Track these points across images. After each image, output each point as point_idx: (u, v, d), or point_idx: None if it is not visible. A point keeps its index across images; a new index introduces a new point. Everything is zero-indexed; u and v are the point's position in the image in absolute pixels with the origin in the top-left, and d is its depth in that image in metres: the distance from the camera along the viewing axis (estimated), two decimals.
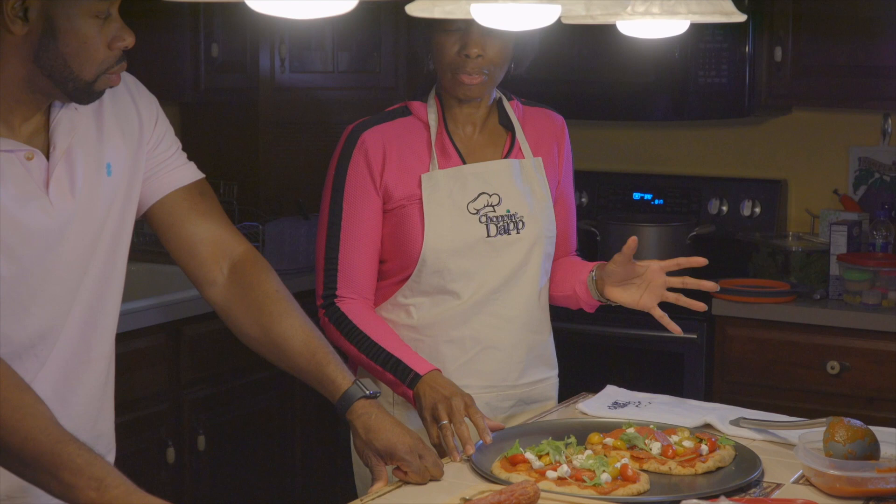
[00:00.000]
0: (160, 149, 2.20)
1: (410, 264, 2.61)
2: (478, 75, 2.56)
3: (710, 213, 4.55)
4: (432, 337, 2.64)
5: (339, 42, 4.61)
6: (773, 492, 2.17)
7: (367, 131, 2.62)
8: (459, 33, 2.54)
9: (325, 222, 2.63)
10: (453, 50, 2.55)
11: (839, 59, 4.09)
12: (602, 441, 2.34)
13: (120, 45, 1.96)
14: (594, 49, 4.32)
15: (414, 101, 2.67)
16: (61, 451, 1.77)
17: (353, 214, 2.60)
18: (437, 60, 2.58)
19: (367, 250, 2.61)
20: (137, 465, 3.42)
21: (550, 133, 2.76)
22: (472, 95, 2.60)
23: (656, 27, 2.24)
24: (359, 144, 2.61)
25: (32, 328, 2.02)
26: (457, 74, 2.56)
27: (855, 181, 4.43)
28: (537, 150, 2.72)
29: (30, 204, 1.98)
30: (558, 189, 2.77)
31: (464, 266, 2.61)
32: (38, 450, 1.78)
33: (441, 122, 2.65)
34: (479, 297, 2.63)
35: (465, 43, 2.53)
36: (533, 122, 2.74)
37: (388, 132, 2.62)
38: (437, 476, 2.21)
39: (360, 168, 2.60)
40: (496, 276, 2.63)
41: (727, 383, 4.07)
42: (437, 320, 2.63)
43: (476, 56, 2.54)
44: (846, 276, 4.02)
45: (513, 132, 2.70)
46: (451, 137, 2.64)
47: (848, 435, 2.21)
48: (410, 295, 2.63)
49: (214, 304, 2.29)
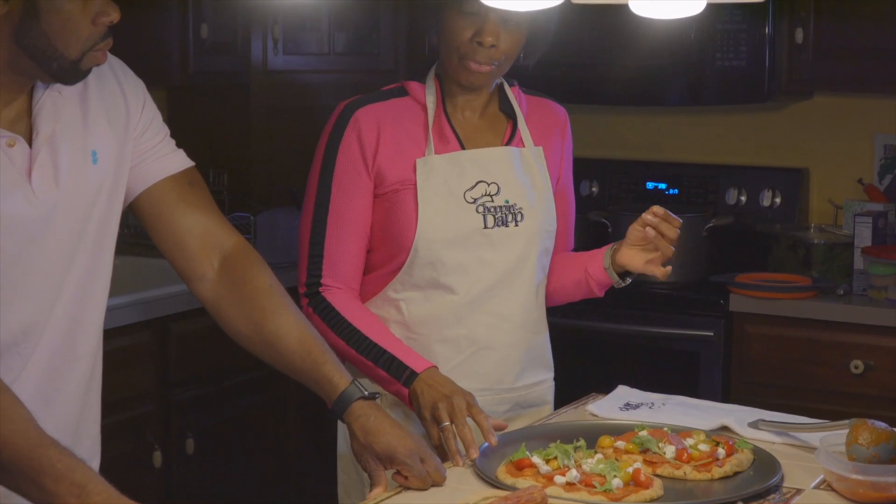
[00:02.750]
0: (147, 136, 2.21)
1: (400, 254, 2.60)
2: (487, 65, 2.55)
3: (728, 203, 4.55)
4: (424, 335, 2.63)
5: (336, 22, 4.61)
6: (792, 497, 2.18)
7: (361, 109, 2.60)
8: (475, 18, 2.52)
9: (312, 204, 2.61)
10: (466, 34, 2.53)
11: (863, 42, 4.09)
12: (613, 444, 2.35)
13: (104, 20, 1.96)
14: (605, 30, 4.32)
15: (411, 82, 2.66)
16: (41, 455, 1.78)
17: (342, 196, 2.59)
18: (445, 41, 2.57)
19: (356, 236, 2.60)
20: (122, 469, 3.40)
21: (553, 124, 2.76)
22: (475, 84, 2.60)
23: (671, 7, 2.25)
24: (351, 122, 2.59)
25: (14, 324, 2.02)
26: (465, 60, 2.55)
27: (880, 170, 4.43)
28: (539, 139, 2.72)
29: (11, 193, 1.98)
30: (559, 184, 2.77)
31: (458, 258, 2.60)
32: (16, 455, 1.78)
33: (440, 105, 2.64)
34: (475, 294, 2.62)
35: (480, 29, 2.52)
36: (535, 112, 2.74)
37: (384, 111, 2.61)
38: (439, 481, 2.21)
39: (353, 147, 2.58)
40: (493, 270, 2.63)
41: (745, 383, 4.08)
42: (430, 317, 2.63)
43: (489, 45, 2.53)
44: (871, 271, 4.02)
45: (514, 119, 2.70)
46: (451, 121, 2.64)
47: (872, 438, 2.21)
48: (402, 289, 2.62)
49: (204, 299, 2.30)
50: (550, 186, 2.71)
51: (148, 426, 3.73)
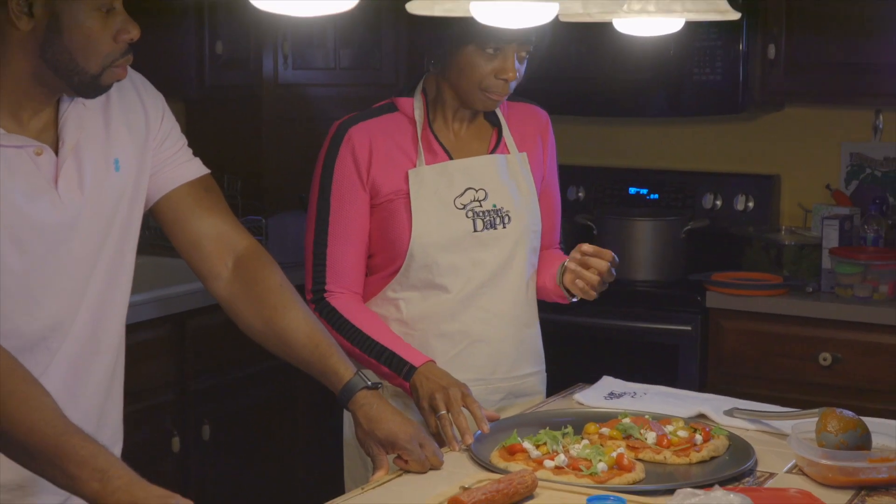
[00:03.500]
0: (166, 145, 2.20)
1: (398, 258, 2.60)
2: (507, 93, 2.57)
3: (705, 207, 4.54)
4: (422, 331, 2.63)
5: (341, 39, 4.60)
6: (766, 481, 2.18)
7: (354, 127, 2.60)
8: (497, 54, 2.51)
9: (314, 218, 2.62)
10: (486, 69, 2.52)
11: (831, 57, 4.09)
12: (598, 431, 2.35)
13: (125, 37, 1.96)
14: (591, 46, 4.31)
15: (400, 98, 2.66)
16: (65, 442, 1.77)
17: (340, 209, 2.59)
18: (466, 76, 2.54)
19: (355, 245, 2.60)
20: (143, 454, 3.40)
21: (535, 128, 2.76)
22: (491, 108, 2.61)
23: (652, 25, 2.24)
24: (345, 140, 2.59)
25: (43, 321, 2.02)
26: (487, 93, 2.55)
27: (847, 176, 4.43)
28: (522, 145, 2.72)
29: (39, 199, 1.97)
30: (543, 183, 2.76)
31: (451, 260, 2.60)
32: (43, 442, 1.78)
33: (426, 118, 2.63)
34: (468, 292, 2.62)
35: (503, 67, 2.51)
36: (518, 118, 2.73)
37: (375, 128, 2.61)
38: (437, 465, 2.21)
39: (347, 164, 2.58)
40: (483, 270, 2.63)
41: (721, 374, 4.07)
42: (427, 315, 2.63)
43: (512, 80, 2.53)
44: (838, 270, 4.02)
45: (499, 128, 2.70)
46: (436, 135, 2.63)
47: (840, 425, 2.20)
48: (400, 289, 2.62)
49: (219, 297, 2.29)
50: (535, 189, 2.71)
51: (167, 414, 3.73)
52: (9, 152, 1.94)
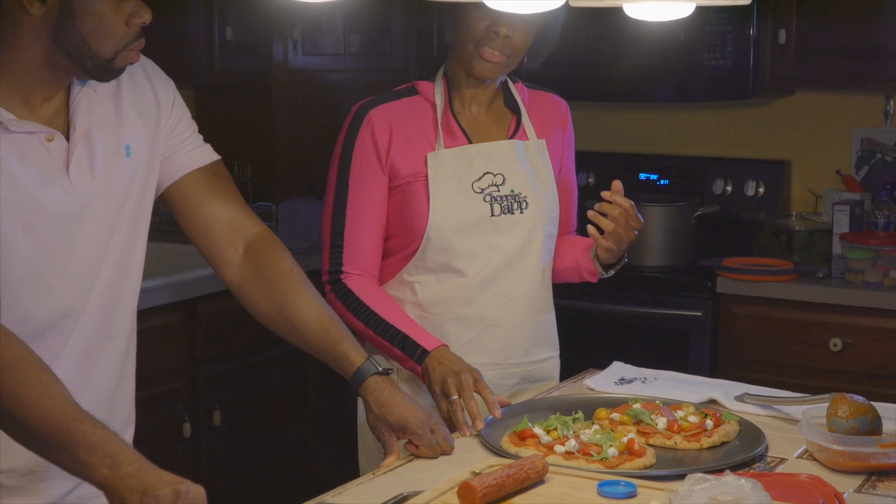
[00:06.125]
0: (177, 131, 2.20)
1: (415, 241, 2.60)
2: (500, 54, 2.54)
3: (715, 193, 4.54)
4: (438, 315, 2.63)
5: (351, 25, 4.59)
6: (776, 466, 2.17)
7: (374, 109, 2.60)
8: (491, 11, 2.51)
9: (332, 199, 2.62)
10: (482, 24, 2.52)
11: (842, 42, 4.07)
12: (609, 416, 2.35)
13: (137, 21, 1.95)
14: (601, 32, 4.30)
15: (421, 81, 2.66)
16: (76, 428, 1.77)
17: (358, 191, 2.59)
18: (461, 32, 2.55)
19: (373, 227, 2.60)
20: (155, 439, 3.43)
21: (555, 117, 2.75)
22: (486, 74, 2.58)
23: (662, 10, 2.23)
24: (365, 122, 2.59)
25: (55, 307, 2.02)
26: (480, 47, 2.53)
27: (857, 162, 4.41)
28: (542, 132, 2.72)
29: (51, 185, 1.97)
30: (561, 172, 2.76)
31: (468, 244, 2.60)
32: (53, 428, 1.78)
33: (447, 103, 2.63)
34: (484, 276, 2.62)
35: (496, 20, 2.51)
36: (538, 106, 2.73)
37: (395, 111, 2.61)
38: (448, 450, 2.21)
39: (367, 145, 2.58)
40: (500, 254, 2.63)
41: (731, 360, 4.07)
42: (443, 298, 2.63)
43: (504, 35, 2.52)
44: (848, 255, 4.01)
45: (518, 114, 2.69)
46: (457, 118, 2.63)
47: (850, 411, 2.20)
48: (416, 272, 2.63)
49: (229, 282, 2.29)
50: (553, 175, 2.71)
51: (178, 399, 3.73)
52: (20, 138, 1.94)
